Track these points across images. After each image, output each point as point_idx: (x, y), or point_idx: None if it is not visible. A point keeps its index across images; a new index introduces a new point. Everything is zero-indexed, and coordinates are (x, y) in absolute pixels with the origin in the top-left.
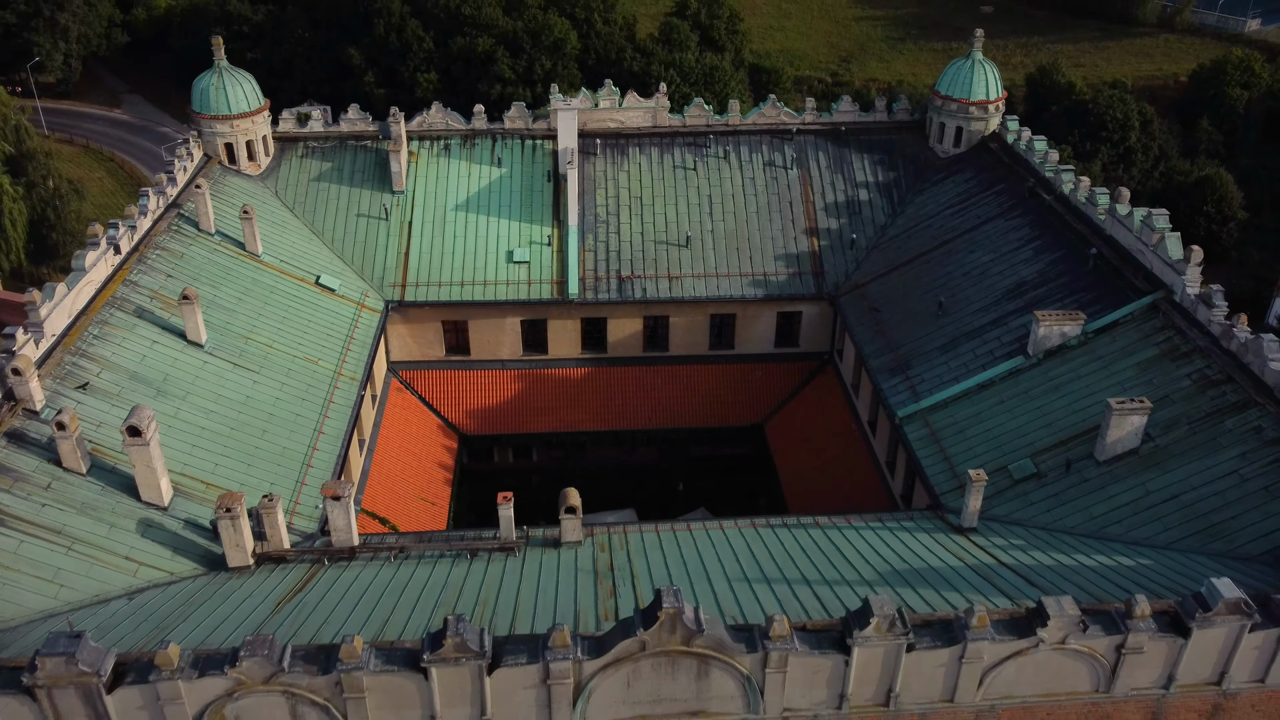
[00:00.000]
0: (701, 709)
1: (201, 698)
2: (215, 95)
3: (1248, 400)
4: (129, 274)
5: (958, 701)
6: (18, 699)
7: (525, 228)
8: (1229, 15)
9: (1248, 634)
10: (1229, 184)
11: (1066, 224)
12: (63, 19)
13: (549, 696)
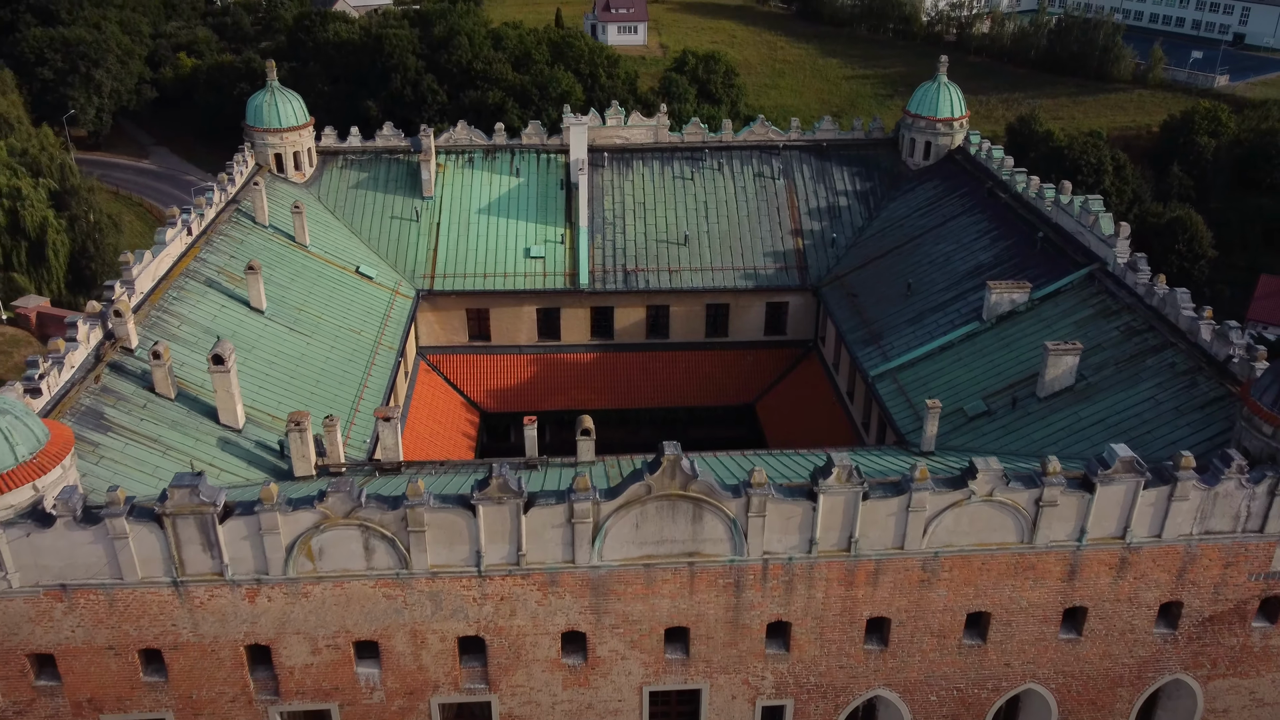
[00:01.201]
0: (697, 550)
1: (294, 529)
2: (268, 111)
3: (1164, 343)
4: (199, 253)
5: (907, 549)
6: (149, 528)
7: (541, 228)
8: (1199, 72)
9: (1142, 491)
10: (1199, 225)
11: (1019, 216)
12: (98, 75)
13: (572, 535)
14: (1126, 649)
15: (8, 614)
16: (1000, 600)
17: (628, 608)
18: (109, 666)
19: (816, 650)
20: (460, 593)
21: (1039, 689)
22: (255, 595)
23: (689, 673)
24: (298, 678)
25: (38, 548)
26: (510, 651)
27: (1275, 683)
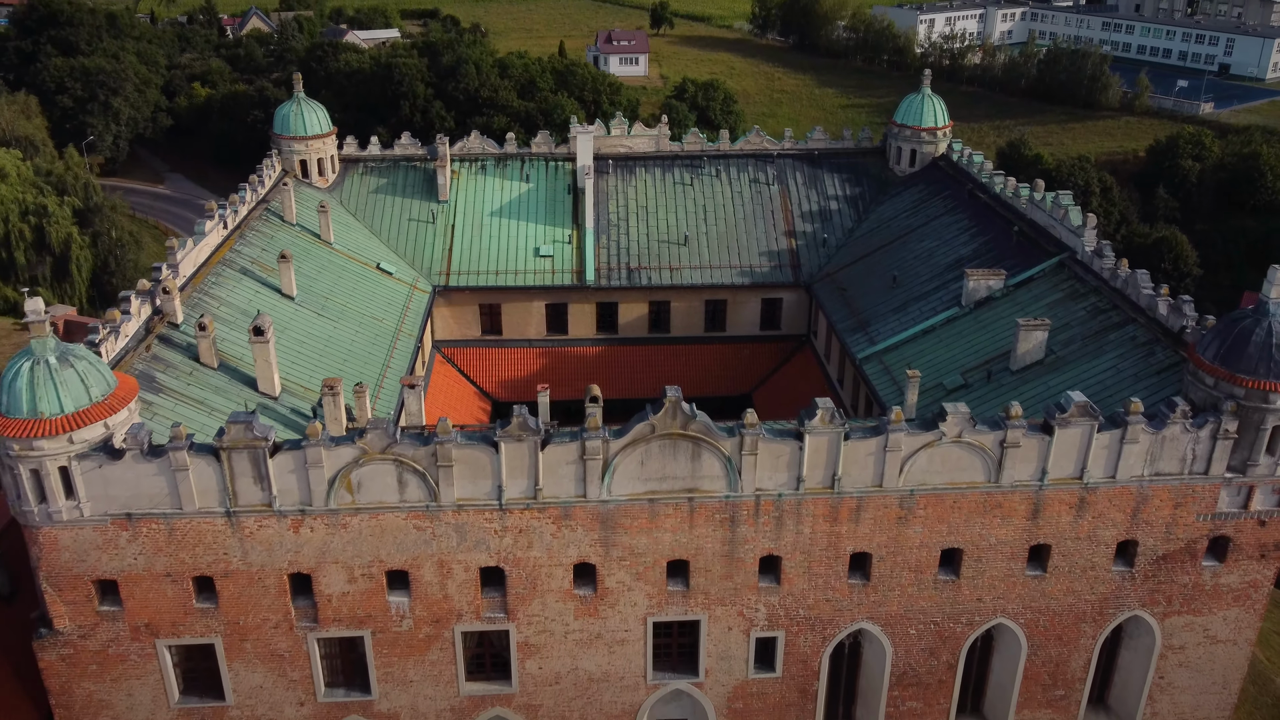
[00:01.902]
0: (696, 486)
1: (336, 463)
2: (294, 119)
3: (1127, 319)
4: (234, 244)
5: (885, 487)
6: (207, 461)
7: (549, 229)
8: (1184, 100)
9: (1096, 434)
10: (1184, 244)
11: (997, 213)
12: (116, 103)
13: (584, 471)
14: (1088, 585)
15: (78, 541)
16: (971, 537)
17: (633, 541)
18: (165, 593)
19: (805, 584)
20: (483, 525)
21: (1009, 624)
22: (299, 525)
23: (689, 604)
24: (335, 605)
25: (107, 479)
26: (527, 582)
27: (1227, 620)
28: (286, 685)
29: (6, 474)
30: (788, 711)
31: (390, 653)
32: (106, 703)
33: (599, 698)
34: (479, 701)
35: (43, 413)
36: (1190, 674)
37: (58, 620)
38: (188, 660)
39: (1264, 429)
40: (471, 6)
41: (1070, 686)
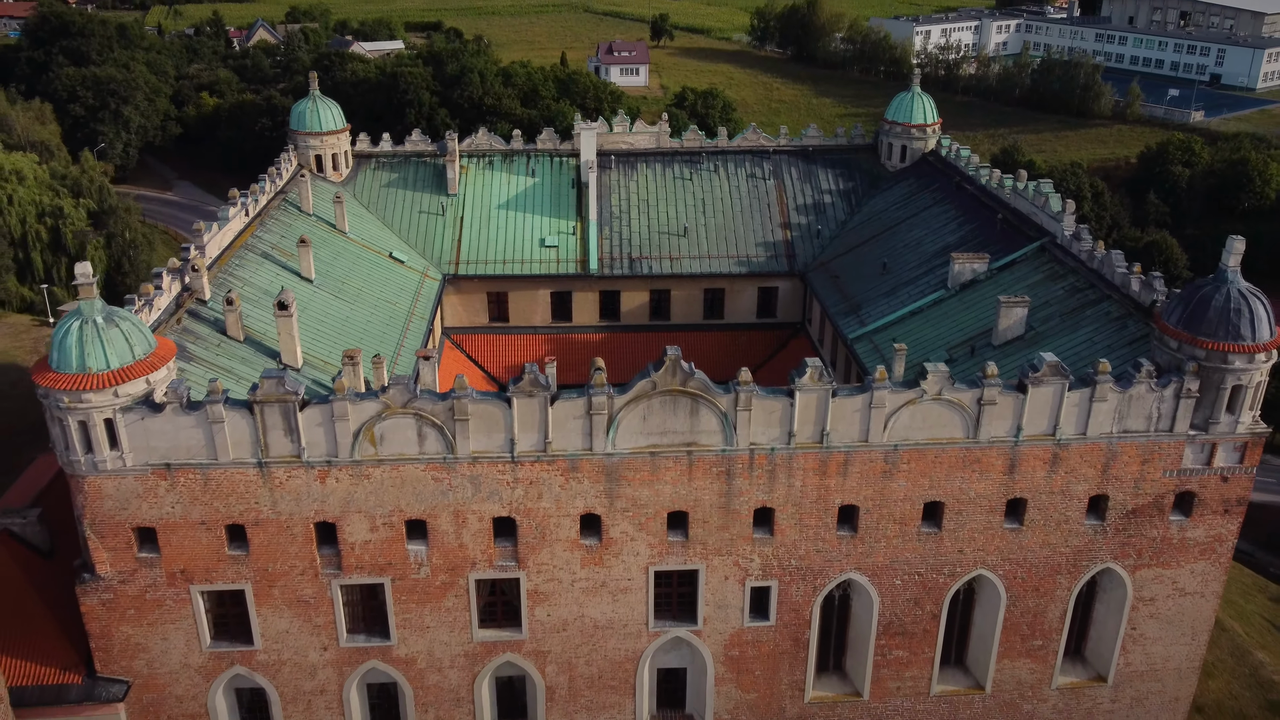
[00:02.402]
0: (694, 441)
1: (360, 417)
2: (310, 116)
3: (1102, 296)
4: (255, 231)
5: (870, 442)
6: (241, 414)
7: (554, 221)
8: (1175, 108)
9: (1067, 392)
10: (1174, 247)
11: (982, 203)
12: (126, 111)
13: (590, 426)
14: (1063, 538)
15: (120, 489)
16: (952, 491)
17: (636, 492)
18: (200, 540)
19: (796, 535)
20: (496, 476)
21: (989, 575)
22: (326, 476)
23: (688, 554)
24: (358, 553)
25: (148, 431)
26: (537, 532)
27: (1194, 573)
28: (311, 630)
29: (55, 426)
30: (781, 660)
31: (408, 599)
32: (143, 646)
33: (604, 644)
34: (491, 647)
35: (90, 368)
36: (1160, 625)
37: (99, 566)
38: (219, 606)
39: (1223, 388)
40: (474, 19)
41: (1048, 637)
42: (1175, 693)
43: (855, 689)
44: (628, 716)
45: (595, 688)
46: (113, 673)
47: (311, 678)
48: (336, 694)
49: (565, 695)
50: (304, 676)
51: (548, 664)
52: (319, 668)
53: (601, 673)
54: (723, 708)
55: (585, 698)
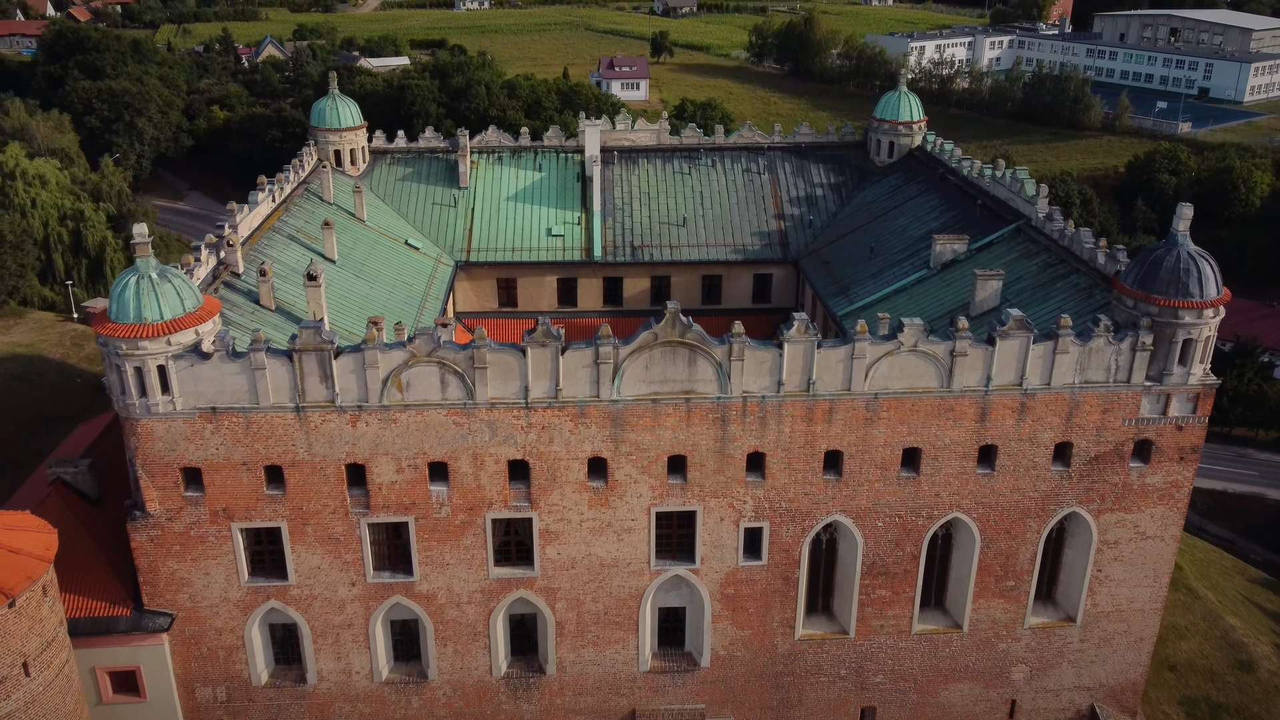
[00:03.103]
0: (692, 389)
1: (389, 365)
2: (330, 113)
3: (1072, 270)
4: (281, 215)
5: (853, 391)
6: (281, 362)
7: (560, 212)
8: (1163, 120)
9: (1032, 345)
10: None
11: (964, 192)
12: (140, 123)
13: (597, 374)
14: (1031, 483)
15: (170, 432)
16: (928, 437)
17: (639, 437)
18: (241, 480)
19: (786, 478)
20: (511, 421)
21: (964, 518)
22: (356, 420)
23: (686, 496)
24: (384, 493)
25: (197, 376)
26: (548, 474)
27: (1154, 518)
28: (341, 567)
29: (113, 372)
30: (773, 598)
31: (430, 538)
32: (186, 580)
33: (609, 582)
34: (506, 584)
35: (146, 318)
36: (1124, 568)
37: (149, 504)
38: (256, 543)
39: (1175, 342)
40: (478, 37)
41: (1020, 578)
42: (1140, 633)
43: (842, 627)
44: (631, 652)
45: (601, 624)
46: (158, 606)
47: (340, 612)
48: (363, 628)
49: (574, 631)
50: (333, 611)
51: (557, 600)
52: (347, 602)
53: (607, 609)
54: (719, 644)
55: (592, 633)
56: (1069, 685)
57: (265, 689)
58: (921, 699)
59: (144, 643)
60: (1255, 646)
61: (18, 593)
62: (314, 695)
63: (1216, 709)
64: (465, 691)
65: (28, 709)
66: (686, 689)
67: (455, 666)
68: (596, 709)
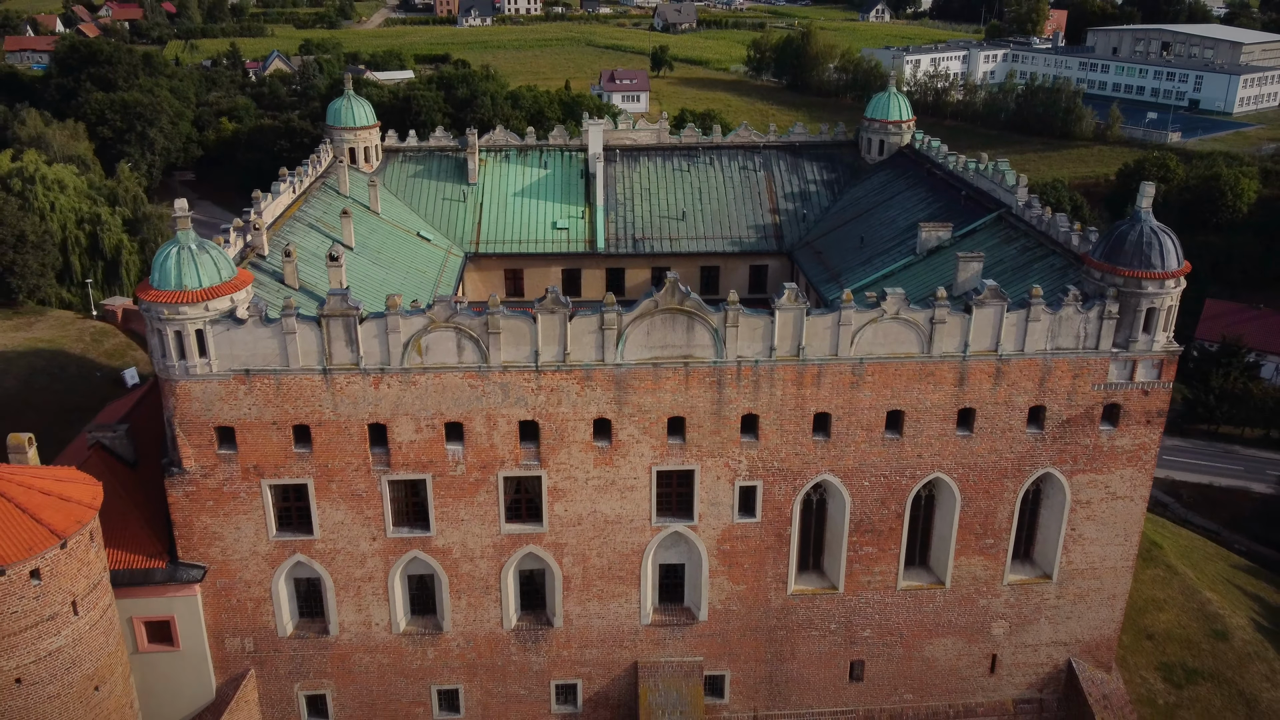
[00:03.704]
0: (690, 354)
1: (410, 330)
2: (345, 112)
3: (1049, 253)
4: (301, 205)
5: (840, 356)
6: (310, 327)
7: (565, 207)
8: (1154, 130)
9: (1006, 313)
10: None
11: (950, 185)
12: (152, 134)
13: (602, 340)
14: (1007, 445)
15: (206, 393)
16: (910, 401)
17: (641, 399)
18: (271, 439)
19: (778, 439)
20: (522, 384)
21: (945, 478)
22: (379, 382)
23: (685, 456)
24: (404, 452)
25: (232, 340)
26: (556, 434)
27: (1124, 479)
28: (363, 522)
29: (154, 336)
30: (766, 554)
31: (446, 495)
32: (218, 535)
33: (613, 538)
34: (516, 540)
35: (186, 285)
36: (1097, 527)
37: (185, 461)
38: (284, 499)
39: (1139, 310)
40: (480, 52)
41: (998, 536)
42: (1113, 590)
43: (832, 583)
44: (633, 606)
45: (606, 578)
46: (192, 559)
47: (361, 565)
48: (383, 581)
49: (580, 585)
50: (355, 564)
51: (564, 556)
52: (368, 556)
53: (611, 564)
54: (716, 599)
55: (597, 587)
56: (1047, 641)
57: (290, 640)
58: (907, 653)
59: (178, 593)
60: (1231, 618)
61: (69, 534)
62: (336, 646)
63: (1192, 674)
64: (478, 643)
65: (75, 645)
66: (685, 642)
67: (468, 619)
68: (601, 660)
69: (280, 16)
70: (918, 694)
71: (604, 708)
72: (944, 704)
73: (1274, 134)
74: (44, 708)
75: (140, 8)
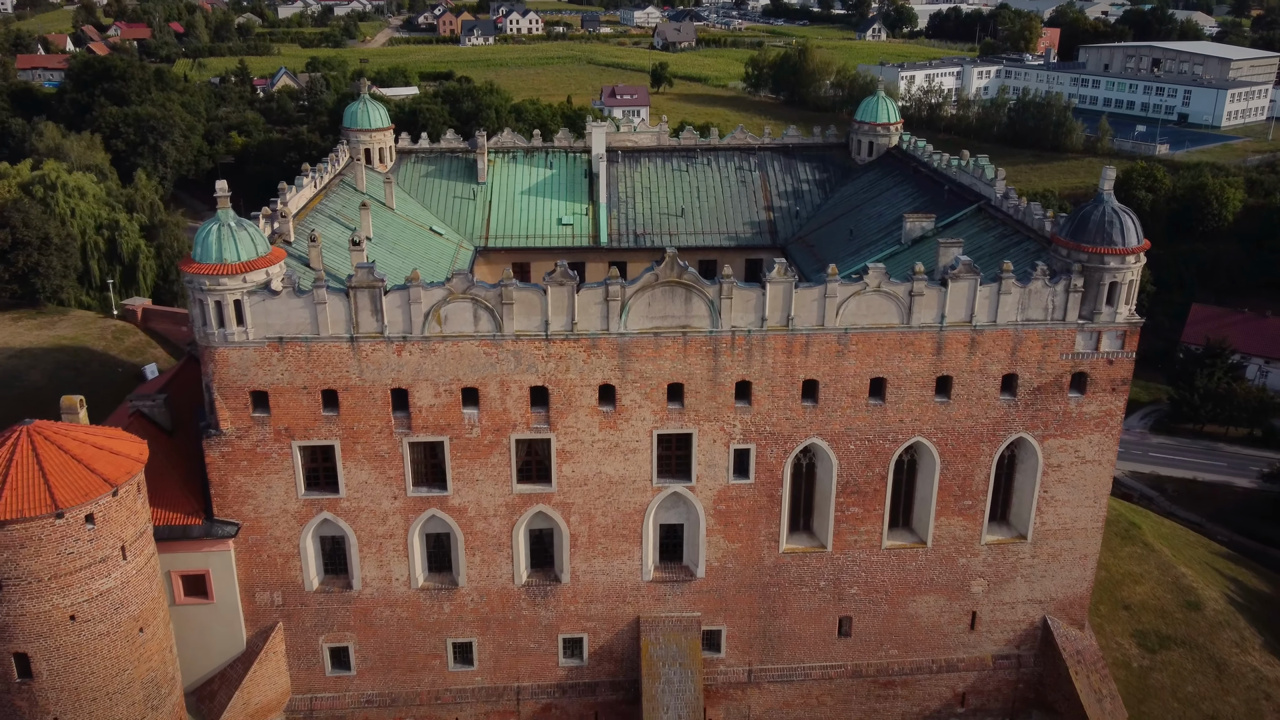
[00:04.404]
0: (688, 324)
1: (430, 300)
2: (361, 115)
3: (1024, 238)
4: (321, 199)
5: (826, 326)
6: (339, 297)
7: (570, 204)
8: (1142, 142)
9: (979, 286)
10: None
11: (934, 181)
12: (164, 146)
13: (607, 311)
14: (983, 410)
15: (243, 359)
16: (892, 369)
17: (643, 367)
18: (302, 403)
19: (769, 405)
20: (533, 352)
21: (925, 442)
22: (401, 350)
23: (684, 420)
24: (424, 415)
25: (267, 310)
26: (564, 399)
27: (1092, 443)
28: (385, 481)
29: (195, 306)
30: (759, 514)
31: (462, 456)
32: (251, 493)
33: (617, 498)
34: (527, 499)
35: (226, 259)
36: (1068, 489)
37: (222, 424)
38: (312, 460)
39: (1102, 284)
40: (484, 69)
41: (975, 498)
42: (1084, 550)
43: (821, 542)
44: (636, 563)
45: (610, 536)
46: (226, 516)
47: (383, 523)
48: (403, 538)
49: (586, 542)
50: (377, 522)
51: (571, 514)
52: (390, 514)
53: (615, 523)
54: (713, 557)
55: (602, 545)
56: (1023, 599)
57: (316, 594)
58: (892, 610)
59: (213, 549)
60: (1204, 591)
61: (120, 483)
62: (358, 600)
63: (1165, 640)
64: (490, 598)
65: (123, 588)
66: (684, 598)
67: (482, 575)
68: (605, 615)
69: (286, 36)
70: (902, 649)
71: (608, 660)
72: (927, 659)
73: (1260, 146)
74: (94, 644)
75: (148, 27)
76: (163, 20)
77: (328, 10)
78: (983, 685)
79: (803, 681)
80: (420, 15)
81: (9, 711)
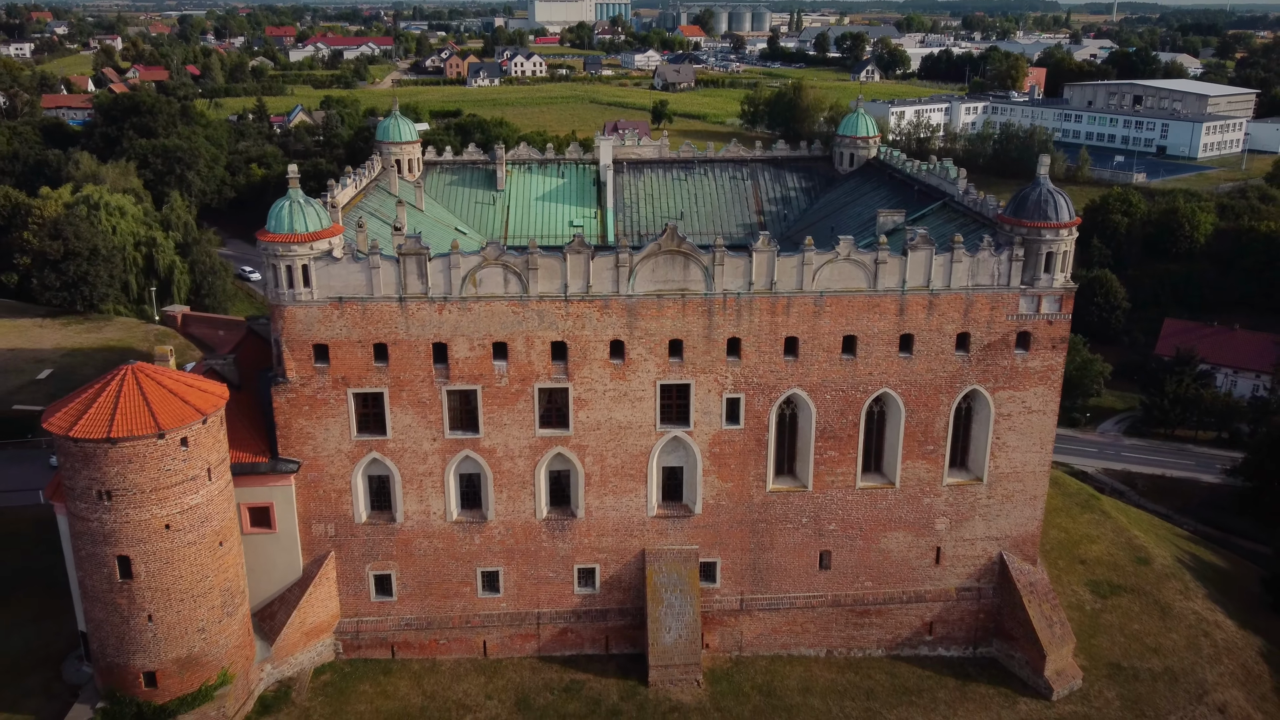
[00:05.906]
0: (686, 287)
1: (467, 266)
2: (393, 130)
3: (980, 226)
4: (360, 199)
5: (804, 290)
6: (390, 263)
7: (579, 209)
8: (1120, 171)
9: (934, 256)
10: (1114, 282)
11: (906, 184)
12: (190, 176)
13: (617, 275)
14: (940, 365)
15: (308, 317)
16: (861, 328)
17: (647, 325)
18: (356, 355)
19: (756, 359)
20: (554, 311)
21: (892, 393)
22: (442, 309)
23: (683, 372)
24: (460, 366)
25: (329, 274)
26: (580, 353)
27: (1037, 395)
28: (426, 425)
29: (269, 270)
30: (749, 457)
31: (492, 403)
32: (311, 435)
33: (626, 441)
34: (548, 441)
35: (295, 230)
36: (1017, 436)
37: (289, 372)
38: (363, 406)
39: (1040, 254)
40: (490, 108)
41: (937, 443)
42: (1033, 491)
43: (802, 483)
44: (641, 500)
45: (619, 475)
46: (288, 455)
47: (423, 462)
48: (440, 476)
49: (598, 481)
50: (418, 461)
51: (586, 456)
52: (429, 455)
53: (624, 464)
54: (708, 495)
55: (612, 484)
56: (981, 536)
57: (364, 526)
58: (866, 545)
59: (277, 483)
60: (1154, 549)
61: (209, 413)
62: (401, 532)
63: (1115, 588)
64: (515, 531)
65: (208, 504)
66: (684, 533)
67: (508, 510)
68: (615, 548)
69: (298, 78)
70: (876, 581)
71: (617, 589)
72: (898, 590)
73: (1234, 175)
74: (184, 551)
75: (166, 70)
76: (180, 63)
77: (337, 54)
78: (948, 615)
79: (788, 610)
80: (427, 59)
81: (111, 609)
